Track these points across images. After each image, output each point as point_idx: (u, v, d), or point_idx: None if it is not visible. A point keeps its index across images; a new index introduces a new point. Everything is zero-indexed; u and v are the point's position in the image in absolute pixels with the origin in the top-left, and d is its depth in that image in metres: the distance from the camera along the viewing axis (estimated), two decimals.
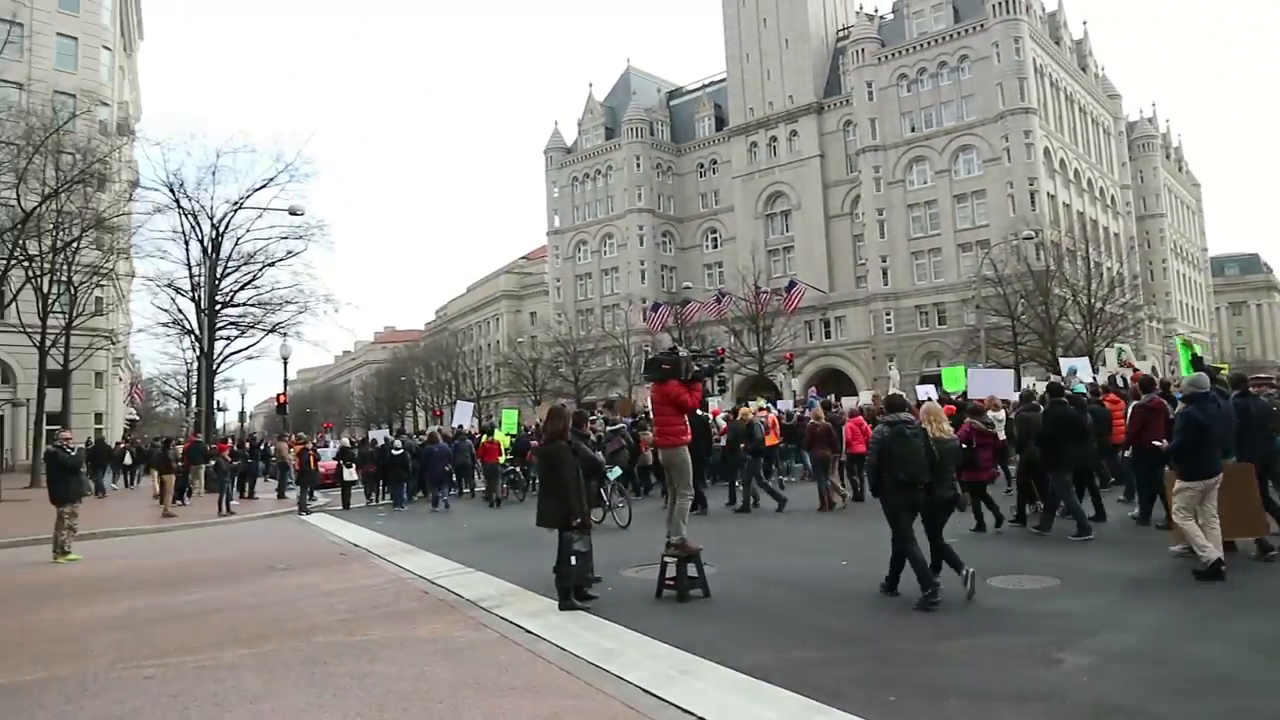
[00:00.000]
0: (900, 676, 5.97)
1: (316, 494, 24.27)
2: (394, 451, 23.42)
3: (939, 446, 8.35)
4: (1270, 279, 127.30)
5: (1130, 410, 11.56)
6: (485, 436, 24.01)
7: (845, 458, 17.23)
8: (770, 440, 18.33)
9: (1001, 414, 14.73)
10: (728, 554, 11.04)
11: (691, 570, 8.69)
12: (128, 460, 34.84)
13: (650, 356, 9.14)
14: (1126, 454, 12.04)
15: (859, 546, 11.56)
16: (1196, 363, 10.56)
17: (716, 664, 6.36)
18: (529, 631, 7.66)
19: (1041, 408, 12.34)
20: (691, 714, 5.31)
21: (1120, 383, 15.18)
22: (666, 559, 8.80)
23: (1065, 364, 23.01)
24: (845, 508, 15.67)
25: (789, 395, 45.58)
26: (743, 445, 16.45)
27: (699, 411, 13.86)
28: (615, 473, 16.01)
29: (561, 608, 8.27)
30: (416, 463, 23.48)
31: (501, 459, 23.30)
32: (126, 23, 50.34)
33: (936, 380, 30.77)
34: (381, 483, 24.53)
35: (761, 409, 21.14)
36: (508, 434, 25.19)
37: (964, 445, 11.33)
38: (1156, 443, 10.04)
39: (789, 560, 11.07)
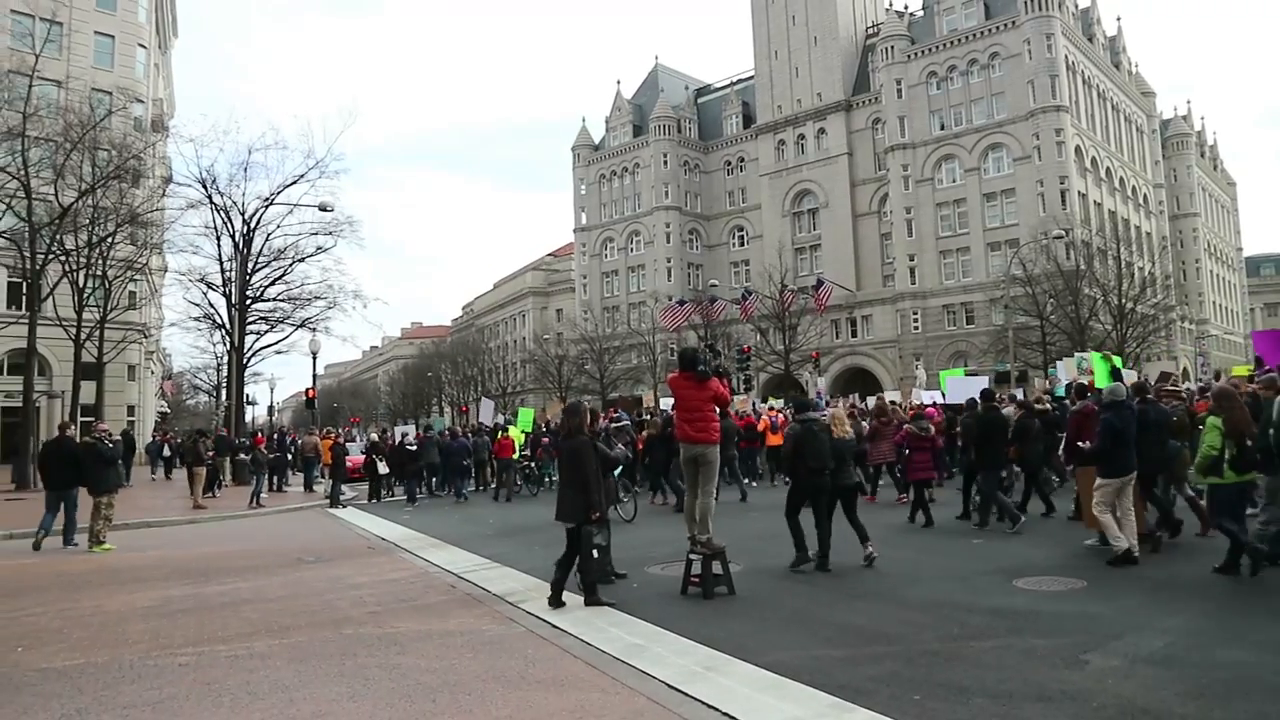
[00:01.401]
0: (925, 676, 5.97)
1: (344, 487, 24.53)
2: (408, 447, 23.71)
3: (839, 444, 10.31)
4: None
5: (1069, 416, 12.31)
6: (501, 432, 24.28)
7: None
8: (773, 440, 18.48)
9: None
10: (752, 551, 11.08)
11: (716, 568, 8.73)
12: (166, 452, 35.41)
13: (688, 352, 9.14)
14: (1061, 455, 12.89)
15: (883, 545, 11.54)
16: (1115, 374, 11.14)
17: (742, 661, 6.39)
18: (555, 626, 7.73)
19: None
20: (717, 710, 5.35)
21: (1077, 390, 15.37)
22: (692, 556, 8.85)
23: (1060, 365, 23.39)
24: None
25: (814, 394, 45.43)
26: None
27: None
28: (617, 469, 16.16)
29: (588, 603, 8.30)
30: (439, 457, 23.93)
31: (515, 454, 23.69)
32: (161, 20, 51.04)
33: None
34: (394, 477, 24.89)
35: (772, 409, 21.38)
36: (523, 430, 25.38)
37: (904, 449, 14.01)
38: (1080, 443, 10.76)
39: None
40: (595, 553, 8.45)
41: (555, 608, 8.27)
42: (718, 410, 9.24)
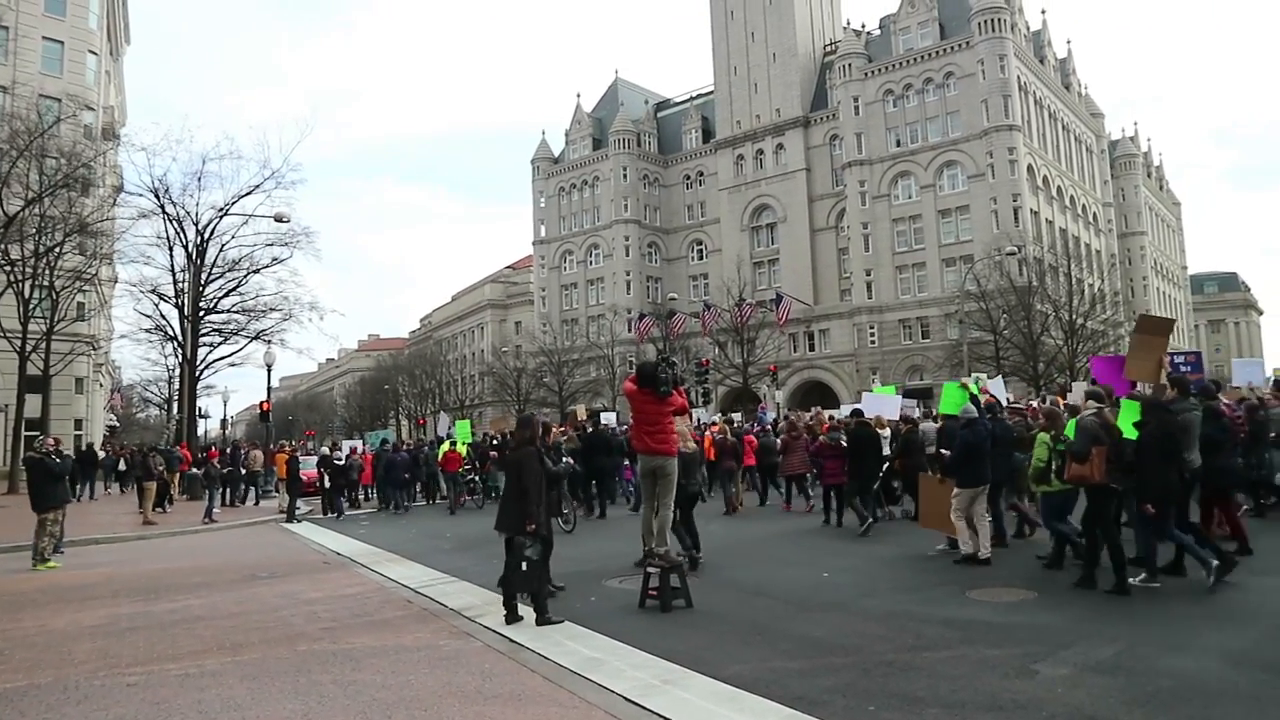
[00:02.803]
0: (880, 686, 6.04)
1: (299, 502, 24.29)
2: (335, 461, 23.71)
3: (684, 456, 10.63)
4: (1248, 297, 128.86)
5: (937, 431, 13.36)
6: (448, 447, 24.25)
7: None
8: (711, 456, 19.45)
9: (888, 431, 16.54)
10: (710, 565, 11.13)
11: (674, 580, 8.75)
12: (121, 466, 34.70)
13: (648, 368, 9.13)
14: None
15: (841, 557, 11.69)
16: (974, 400, 11.87)
17: (699, 674, 6.42)
18: (513, 641, 7.69)
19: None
20: None
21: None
22: (649, 569, 8.86)
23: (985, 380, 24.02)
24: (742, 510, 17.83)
25: (772, 407, 45.74)
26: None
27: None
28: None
29: (538, 623, 8.12)
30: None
31: (462, 468, 23.94)
32: (113, 26, 50.17)
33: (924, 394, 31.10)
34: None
35: (713, 425, 21.75)
36: (462, 443, 25.39)
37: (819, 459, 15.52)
38: (944, 450, 11.72)
39: (772, 571, 11.15)
40: (527, 566, 8.20)
41: (511, 623, 8.23)
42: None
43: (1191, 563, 8.90)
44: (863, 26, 76.14)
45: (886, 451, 15.45)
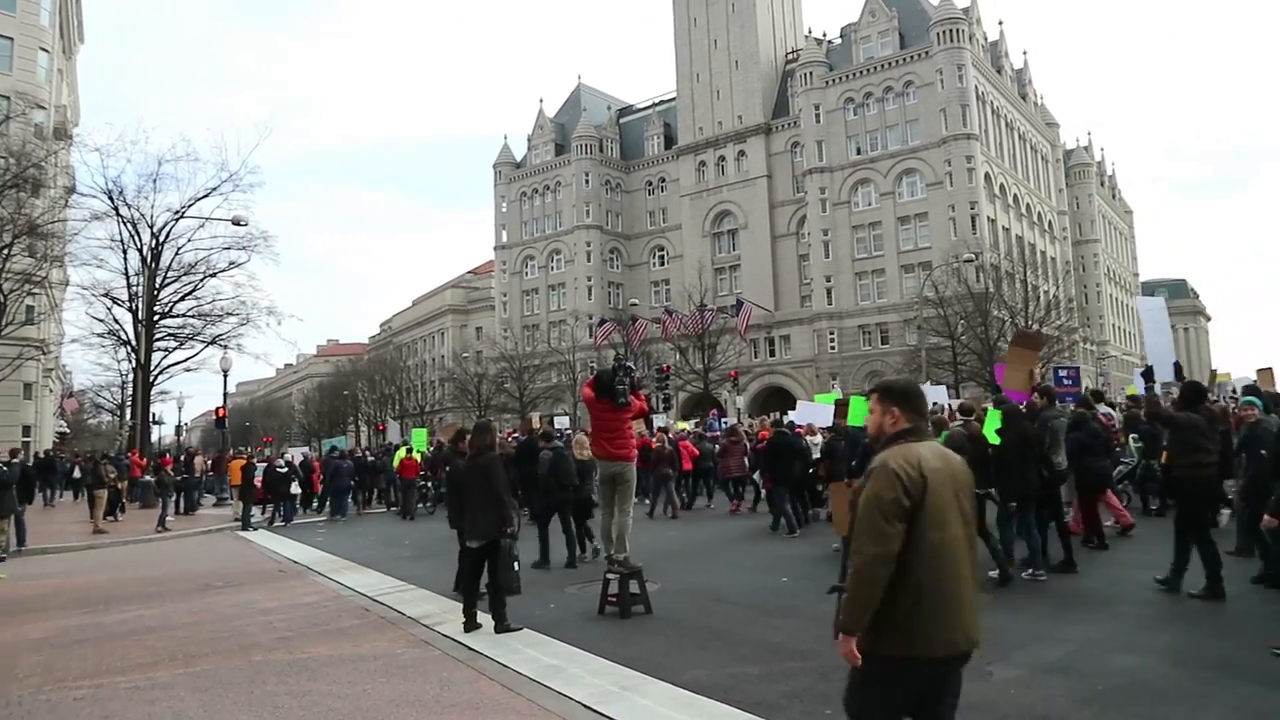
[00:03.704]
0: (838, 690, 6.01)
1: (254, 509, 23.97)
2: (278, 469, 23.63)
3: (581, 464, 12.67)
4: (1196, 304, 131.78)
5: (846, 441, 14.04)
6: (404, 453, 24.16)
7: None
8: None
9: (819, 438, 16.91)
10: (669, 570, 11.14)
11: (634, 587, 8.75)
12: (76, 474, 33.94)
13: (605, 377, 9.11)
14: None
15: (800, 563, 11.75)
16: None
17: (658, 679, 6.43)
18: (471, 649, 7.65)
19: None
20: None
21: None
22: (609, 576, 8.86)
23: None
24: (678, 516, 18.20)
25: (733, 413, 45.92)
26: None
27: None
28: None
29: (498, 630, 8.08)
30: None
31: (419, 475, 24.01)
32: (66, 24, 49.18)
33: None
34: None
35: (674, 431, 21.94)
36: (417, 450, 25.28)
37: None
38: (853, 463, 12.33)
39: (730, 576, 11.19)
40: (515, 565, 8.18)
41: (470, 630, 8.17)
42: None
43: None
44: (824, 35, 76.87)
45: (817, 456, 15.76)
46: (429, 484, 24.52)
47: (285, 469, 23.94)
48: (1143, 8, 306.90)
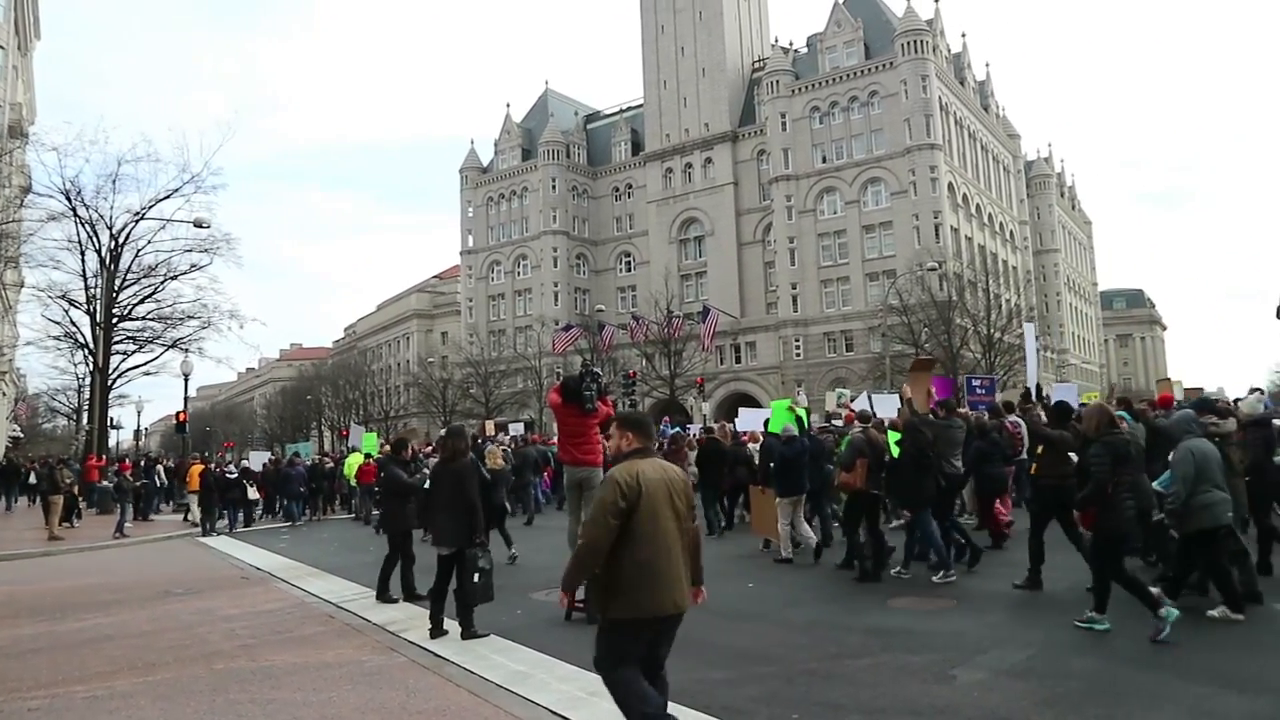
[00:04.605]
0: (804, 695, 6.14)
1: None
2: (227, 475, 23.51)
3: (494, 473, 13.47)
4: (1153, 313, 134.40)
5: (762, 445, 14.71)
6: (361, 459, 23.98)
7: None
8: None
9: (757, 445, 17.20)
10: None
11: None
12: (32, 479, 33.27)
13: (572, 383, 9.10)
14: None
15: (766, 569, 11.83)
16: (799, 420, 13.63)
17: None
18: (438, 655, 7.61)
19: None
20: None
21: (839, 421, 16.93)
22: None
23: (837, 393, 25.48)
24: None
25: (699, 419, 46.03)
26: None
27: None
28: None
29: (464, 636, 8.05)
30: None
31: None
32: (21, 20, 48.26)
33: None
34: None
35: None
36: (366, 454, 25.15)
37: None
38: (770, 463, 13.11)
39: None
40: (478, 576, 8.15)
41: (436, 637, 8.13)
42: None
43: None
44: (790, 44, 77.47)
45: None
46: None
47: (235, 474, 23.69)
48: (1103, 23, 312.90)
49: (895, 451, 10.86)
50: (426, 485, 14.14)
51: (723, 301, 70.16)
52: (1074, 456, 8.76)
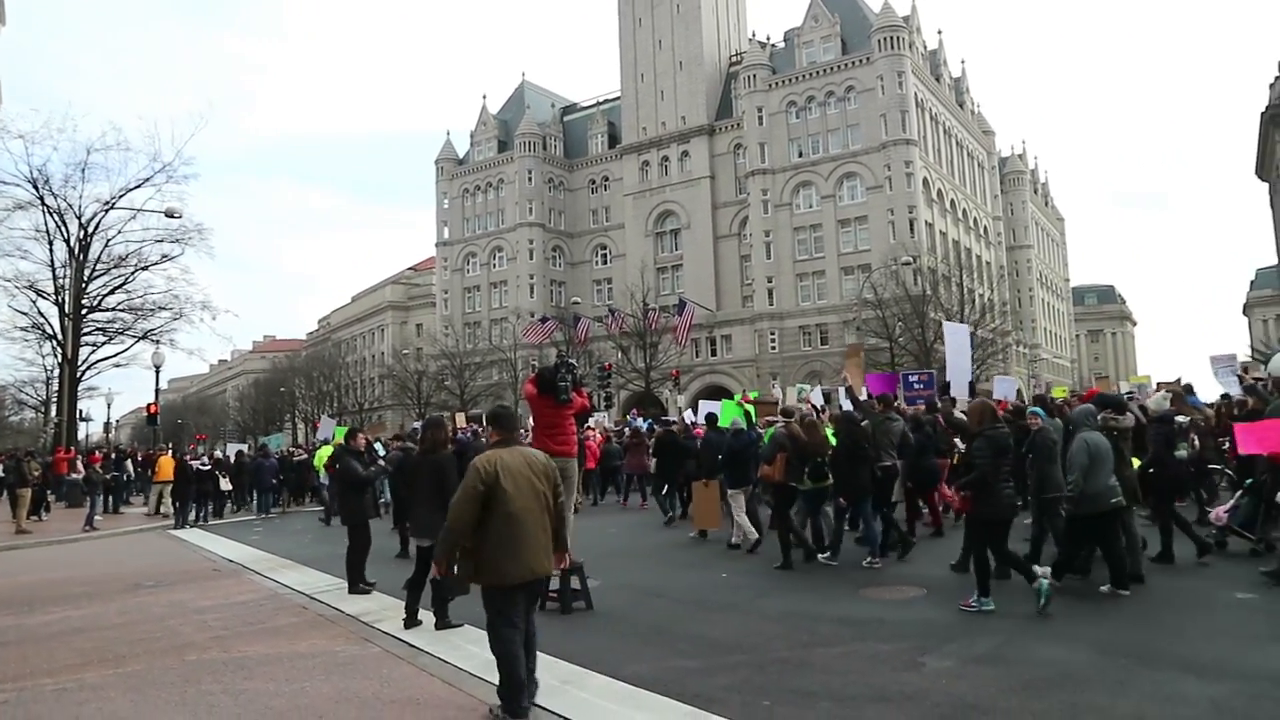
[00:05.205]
0: (775, 683, 6.21)
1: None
2: (201, 467, 23.31)
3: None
4: (1124, 309, 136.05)
5: (702, 439, 15.02)
6: (330, 451, 23.88)
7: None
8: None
9: None
10: (610, 567, 11.17)
11: (575, 583, 8.79)
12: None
13: (548, 374, 9.08)
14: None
15: (738, 560, 11.90)
16: (747, 415, 14.56)
17: (599, 674, 6.49)
18: (412, 645, 7.62)
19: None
20: None
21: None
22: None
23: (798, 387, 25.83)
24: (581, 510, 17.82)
25: (675, 412, 46.12)
26: None
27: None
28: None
29: (438, 627, 8.06)
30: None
31: None
32: None
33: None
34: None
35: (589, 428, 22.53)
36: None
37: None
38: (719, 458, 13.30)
39: (671, 572, 11.29)
40: (456, 569, 8.13)
41: (410, 627, 8.13)
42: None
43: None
44: (768, 39, 77.65)
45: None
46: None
47: (208, 466, 23.51)
48: (1077, 23, 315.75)
49: (832, 442, 11.23)
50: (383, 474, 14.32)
51: (699, 294, 70.31)
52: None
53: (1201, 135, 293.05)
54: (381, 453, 19.83)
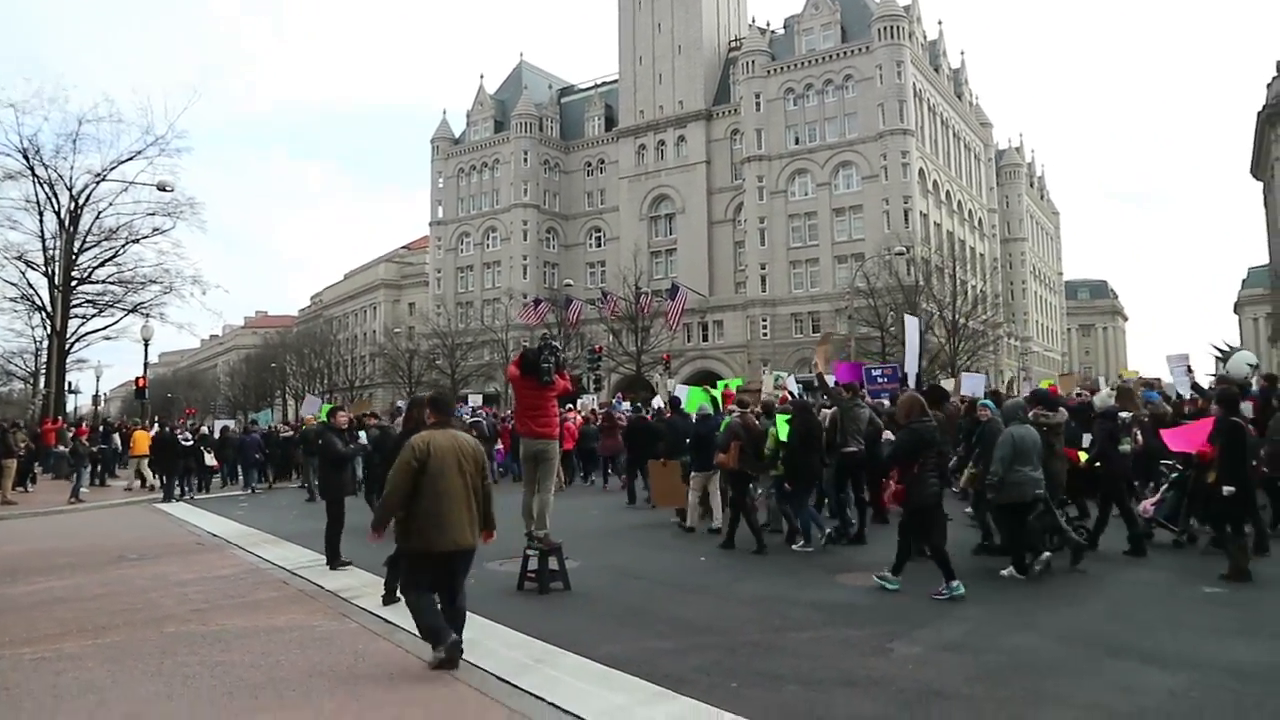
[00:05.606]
0: (744, 665, 6.30)
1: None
2: (183, 442, 23.27)
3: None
4: (1115, 304, 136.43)
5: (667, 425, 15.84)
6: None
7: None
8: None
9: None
10: (590, 548, 11.26)
11: (553, 564, 8.87)
12: None
13: (531, 355, 9.12)
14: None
15: (716, 542, 11.98)
16: (713, 401, 15.21)
17: (572, 653, 6.56)
18: (388, 621, 7.68)
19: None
20: (543, 700, 5.49)
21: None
22: (529, 552, 8.96)
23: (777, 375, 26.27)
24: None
25: (664, 396, 46.22)
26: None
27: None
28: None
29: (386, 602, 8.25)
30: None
31: None
32: None
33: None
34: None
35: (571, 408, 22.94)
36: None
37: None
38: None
39: (649, 554, 11.39)
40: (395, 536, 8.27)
41: (389, 604, 8.21)
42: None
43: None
44: (767, 25, 77.33)
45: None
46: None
47: (190, 442, 23.50)
48: (1078, 17, 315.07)
49: (784, 432, 11.48)
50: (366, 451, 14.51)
51: (692, 279, 70.29)
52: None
53: (1198, 134, 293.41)
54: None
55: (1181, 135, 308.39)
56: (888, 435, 10.93)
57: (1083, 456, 10.79)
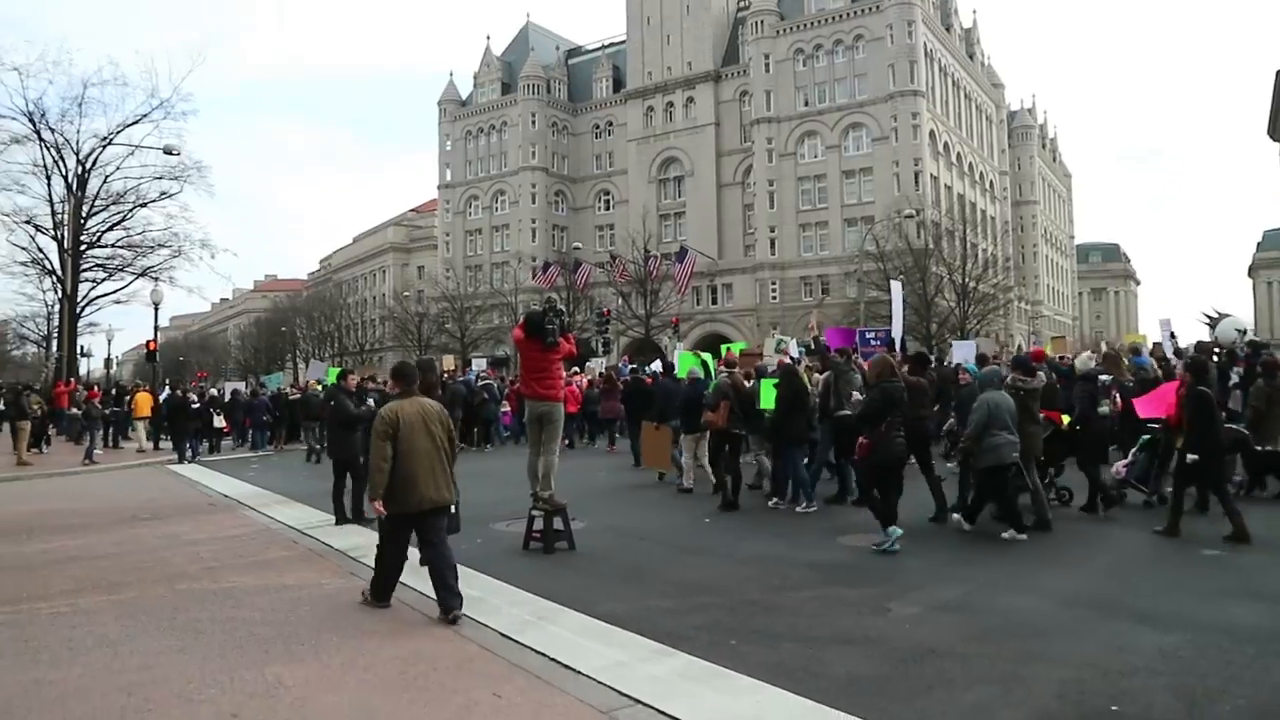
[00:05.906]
0: (743, 623, 6.41)
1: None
2: (191, 404, 23.69)
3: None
4: (1128, 268, 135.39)
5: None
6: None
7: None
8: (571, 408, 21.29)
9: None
10: (596, 509, 11.39)
11: (558, 524, 8.99)
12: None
13: (535, 318, 9.14)
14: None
15: (717, 503, 12.09)
16: (704, 365, 15.46)
17: (575, 611, 6.68)
18: None
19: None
20: (545, 655, 5.61)
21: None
22: (534, 513, 9.07)
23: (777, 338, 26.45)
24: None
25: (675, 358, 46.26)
26: None
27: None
28: None
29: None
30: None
31: None
32: None
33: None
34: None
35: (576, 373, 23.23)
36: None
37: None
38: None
39: (654, 515, 11.53)
40: (454, 508, 8.33)
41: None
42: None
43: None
44: None
45: None
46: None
47: (198, 404, 23.81)
48: None
49: (767, 399, 11.77)
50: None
51: (701, 242, 70.03)
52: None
53: (1213, 95, 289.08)
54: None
55: (1196, 97, 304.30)
56: (856, 395, 10.98)
57: (1065, 420, 10.90)
